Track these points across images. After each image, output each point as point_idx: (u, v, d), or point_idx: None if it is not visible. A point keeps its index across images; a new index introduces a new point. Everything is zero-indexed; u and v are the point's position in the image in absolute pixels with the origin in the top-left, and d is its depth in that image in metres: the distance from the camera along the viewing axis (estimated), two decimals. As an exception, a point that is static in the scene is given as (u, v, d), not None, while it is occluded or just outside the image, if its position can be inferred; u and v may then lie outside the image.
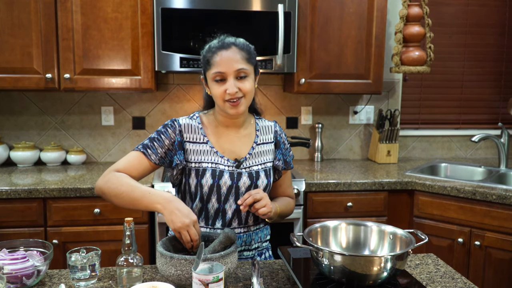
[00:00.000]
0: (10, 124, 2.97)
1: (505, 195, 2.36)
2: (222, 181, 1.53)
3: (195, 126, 1.59)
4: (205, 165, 1.55)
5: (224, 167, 1.55)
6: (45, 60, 2.57)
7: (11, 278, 1.29)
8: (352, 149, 3.34)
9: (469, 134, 3.32)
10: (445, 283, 1.39)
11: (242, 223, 1.59)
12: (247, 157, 1.59)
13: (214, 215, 1.57)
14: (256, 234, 1.63)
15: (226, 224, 1.57)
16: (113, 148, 3.08)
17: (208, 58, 1.53)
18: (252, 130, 1.66)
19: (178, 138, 1.56)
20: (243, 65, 1.50)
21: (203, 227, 1.58)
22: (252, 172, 1.58)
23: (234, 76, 1.50)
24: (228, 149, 1.59)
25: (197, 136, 1.58)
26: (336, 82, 2.86)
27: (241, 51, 1.52)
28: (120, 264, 1.31)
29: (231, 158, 1.58)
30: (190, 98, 3.08)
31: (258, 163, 1.61)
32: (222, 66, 1.49)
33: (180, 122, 1.59)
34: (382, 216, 2.66)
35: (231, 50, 1.50)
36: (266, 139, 1.66)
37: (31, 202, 2.37)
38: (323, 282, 1.29)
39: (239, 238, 1.58)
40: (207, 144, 1.57)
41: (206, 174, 1.53)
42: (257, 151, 1.63)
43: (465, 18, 3.35)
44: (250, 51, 1.55)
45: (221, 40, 1.54)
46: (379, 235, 1.43)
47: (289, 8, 2.64)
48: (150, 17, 2.60)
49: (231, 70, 1.49)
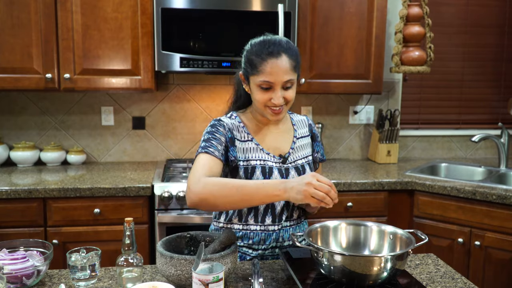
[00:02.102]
0: (10, 124, 2.97)
1: (505, 195, 2.36)
2: (272, 178, 1.54)
3: (237, 125, 1.58)
4: (253, 163, 1.54)
5: (272, 163, 1.56)
6: (45, 60, 2.57)
7: (11, 278, 1.29)
8: (352, 149, 3.34)
9: (469, 134, 3.32)
10: (445, 283, 1.39)
11: (290, 217, 1.60)
12: (290, 152, 1.61)
13: (264, 212, 1.56)
14: (299, 227, 1.64)
15: (276, 219, 1.56)
16: (113, 148, 3.08)
17: (255, 62, 1.47)
18: (289, 125, 1.67)
19: (229, 135, 1.54)
20: (291, 76, 1.47)
21: (253, 225, 1.56)
22: (298, 166, 1.60)
23: (281, 86, 1.47)
24: (272, 145, 1.60)
25: (242, 134, 1.57)
26: (336, 82, 2.86)
27: (290, 60, 1.46)
28: (120, 264, 1.31)
29: (276, 154, 1.59)
30: (190, 98, 3.08)
31: (302, 157, 1.63)
32: (272, 76, 1.44)
33: (225, 121, 1.56)
34: (382, 216, 2.66)
35: (281, 59, 1.44)
36: (303, 133, 1.68)
37: (31, 202, 2.37)
38: (323, 282, 1.28)
39: (286, 232, 1.59)
40: (253, 142, 1.57)
41: (256, 172, 1.53)
42: (298, 145, 1.64)
43: (465, 18, 3.35)
44: (298, 57, 1.50)
45: (269, 44, 1.47)
46: (379, 235, 1.43)
47: (289, 8, 2.64)
48: (150, 17, 2.60)
49: (279, 81, 1.45)
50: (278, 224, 1.56)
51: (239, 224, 1.57)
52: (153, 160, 3.12)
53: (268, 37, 1.51)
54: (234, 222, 1.58)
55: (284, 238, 1.60)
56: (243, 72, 1.54)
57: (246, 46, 1.54)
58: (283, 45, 1.47)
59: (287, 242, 1.61)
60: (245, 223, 1.57)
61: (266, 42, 1.48)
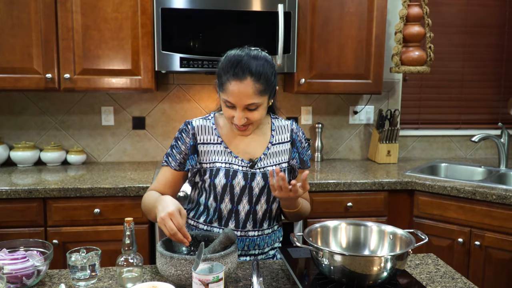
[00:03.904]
0: (10, 124, 2.97)
1: (505, 195, 2.36)
2: (235, 181, 1.53)
3: (209, 127, 1.58)
4: (218, 165, 1.54)
5: (238, 167, 1.55)
6: (45, 60, 2.57)
7: (11, 278, 1.29)
8: (352, 149, 3.34)
9: (469, 134, 3.32)
10: (445, 283, 1.39)
11: (257, 226, 1.58)
12: (262, 157, 1.58)
13: (227, 216, 1.55)
14: (270, 237, 1.62)
15: (240, 226, 1.55)
16: (113, 148, 3.08)
17: (222, 79, 1.47)
18: (267, 130, 1.64)
19: (191, 142, 1.56)
20: (255, 100, 1.45)
21: (217, 227, 1.57)
22: (266, 173, 1.56)
23: (243, 109, 1.46)
24: (243, 149, 1.58)
25: (211, 137, 1.57)
26: (336, 82, 2.86)
27: (256, 84, 1.43)
28: (120, 264, 1.31)
29: (245, 159, 1.57)
30: (190, 98, 3.08)
31: (273, 164, 1.59)
32: (233, 98, 1.44)
33: (193, 124, 1.58)
34: (382, 216, 2.66)
35: (245, 83, 1.42)
36: (282, 139, 1.64)
37: (31, 202, 2.37)
38: (323, 282, 1.29)
39: (252, 242, 1.57)
40: (221, 145, 1.57)
41: (219, 174, 1.53)
42: (273, 151, 1.61)
43: (465, 18, 3.35)
44: (267, 80, 1.46)
45: (237, 64, 1.43)
46: (379, 235, 1.43)
47: (289, 8, 2.64)
48: (150, 17, 2.60)
49: (240, 104, 1.45)
50: (241, 231, 1.56)
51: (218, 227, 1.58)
52: (153, 160, 3.12)
53: (242, 53, 1.47)
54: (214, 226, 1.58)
55: (249, 247, 1.58)
56: (217, 81, 1.53)
57: (223, 56, 1.52)
58: (251, 68, 1.43)
59: (252, 251, 1.59)
60: (209, 224, 1.58)
61: (235, 62, 1.44)
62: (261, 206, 1.56)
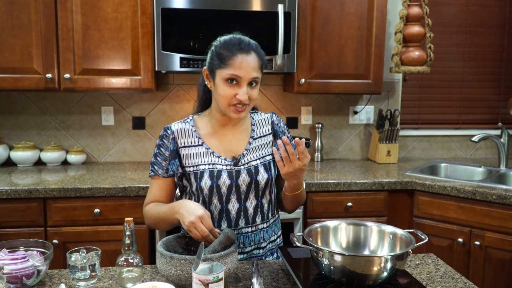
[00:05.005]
0: (10, 124, 2.97)
1: (505, 195, 2.36)
2: (221, 181, 1.52)
3: (189, 130, 1.58)
4: (202, 167, 1.53)
5: (222, 166, 1.54)
6: (45, 60, 2.57)
7: (11, 278, 1.29)
8: (352, 149, 3.34)
9: (469, 134, 3.32)
10: (445, 283, 1.39)
11: (250, 222, 1.56)
12: (244, 153, 1.57)
13: (219, 217, 1.54)
14: (266, 232, 1.60)
15: (233, 224, 1.55)
16: (113, 148, 3.08)
17: (224, 55, 1.47)
18: (247, 126, 1.63)
19: (172, 147, 1.55)
20: (258, 74, 1.49)
21: None
22: (251, 168, 1.55)
23: (248, 83, 1.48)
24: (225, 148, 1.58)
25: (192, 139, 1.57)
26: (336, 82, 2.86)
27: (259, 59, 1.50)
28: (120, 264, 1.31)
29: (228, 157, 1.56)
30: (190, 98, 3.08)
31: (257, 158, 1.58)
32: (241, 71, 1.45)
33: (172, 128, 1.57)
34: (382, 216, 2.66)
35: (251, 56, 1.47)
36: (263, 132, 1.64)
37: (31, 202, 2.37)
38: (323, 282, 1.29)
39: (247, 238, 1.56)
40: (202, 146, 1.56)
41: (204, 176, 1.52)
42: (255, 145, 1.60)
43: (465, 18, 3.35)
44: (264, 58, 1.54)
45: (240, 41, 1.49)
46: (379, 235, 1.43)
47: (289, 8, 2.64)
48: (150, 17, 2.60)
49: (247, 76, 1.46)
50: (234, 229, 1.55)
51: None
52: (153, 160, 3.12)
53: (237, 35, 1.54)
54: None
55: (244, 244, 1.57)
56: (209, 66, 1.53)
57: (215, 41, 1.54)
58: (252, 45, 1.50)
59: (248, 247, 1.58)
60: None
61: (237, 39, 1.50)
62: (250, 202, 1.55)
